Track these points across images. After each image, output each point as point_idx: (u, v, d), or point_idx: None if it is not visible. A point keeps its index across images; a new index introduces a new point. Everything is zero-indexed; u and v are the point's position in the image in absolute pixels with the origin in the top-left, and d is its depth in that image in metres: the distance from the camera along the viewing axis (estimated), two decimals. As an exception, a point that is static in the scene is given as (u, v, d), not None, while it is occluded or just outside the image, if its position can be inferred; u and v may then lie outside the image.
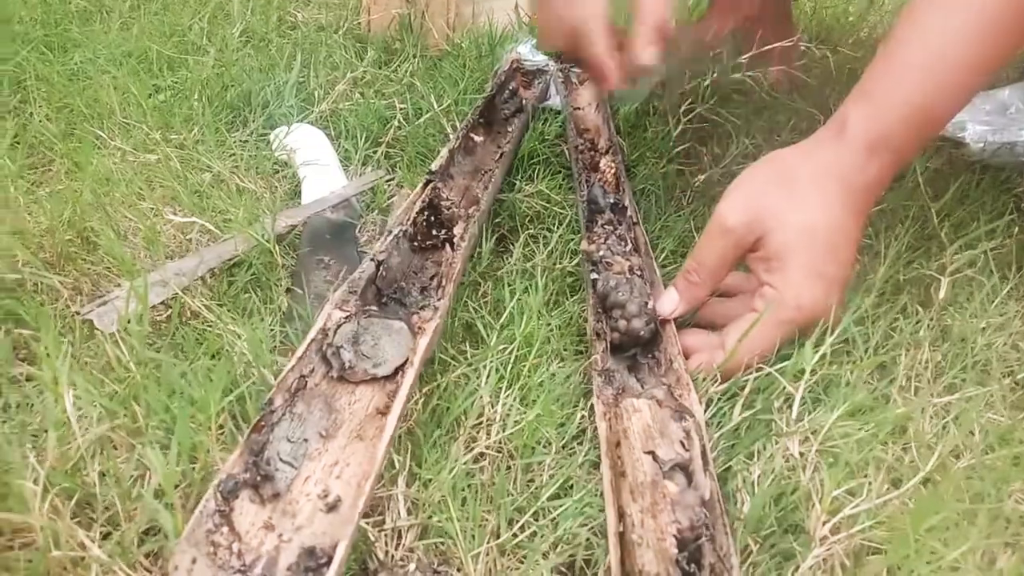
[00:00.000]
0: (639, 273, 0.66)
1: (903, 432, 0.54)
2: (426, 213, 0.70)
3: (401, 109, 0.98)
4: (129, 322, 0.55)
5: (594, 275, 0.66)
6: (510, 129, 0.90)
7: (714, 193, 0.84)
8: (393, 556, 0.46)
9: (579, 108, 0.99)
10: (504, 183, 0.85)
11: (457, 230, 0.70)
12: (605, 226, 0.73)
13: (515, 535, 0.48)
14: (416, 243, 0.68)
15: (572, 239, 0.78)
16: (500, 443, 0.54)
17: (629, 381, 0.59)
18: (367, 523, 0.48)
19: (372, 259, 0.62)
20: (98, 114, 0.97)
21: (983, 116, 0.76)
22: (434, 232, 0.70)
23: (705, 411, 0.56)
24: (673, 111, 0.90)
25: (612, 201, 0.76)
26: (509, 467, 0.53)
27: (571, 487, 0.52)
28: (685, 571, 0.43)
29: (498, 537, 0.48)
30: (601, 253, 0.68)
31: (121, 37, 1.21)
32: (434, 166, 0.76)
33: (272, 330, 0.63)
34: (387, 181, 0.89)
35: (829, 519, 0.46)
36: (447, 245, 0.69)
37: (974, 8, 0.56)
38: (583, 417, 0.58)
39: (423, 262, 0.68)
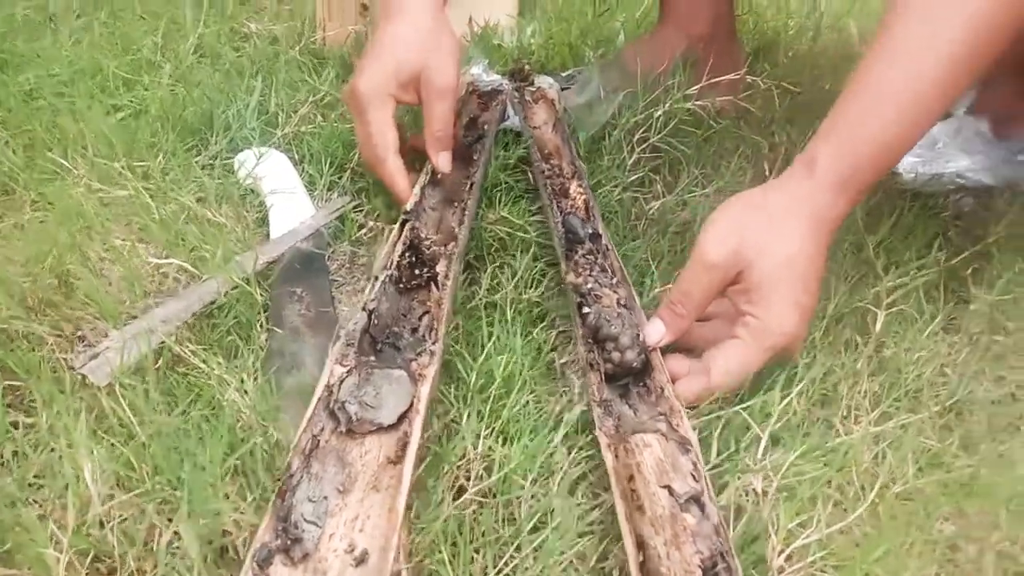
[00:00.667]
0: (626, 305, 0.71)
1: (844, 455, 0.60)
2: (408, 255, 0.73)
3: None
4: (121, 376, 0.58)
5: (585, 309, 0.70)
6: (475, 157, 0.93)
7: (668, 220, 0.89)
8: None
9: (536, 127, 1.03)
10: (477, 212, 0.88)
11: (440, 268, 0.72)
12: (587, 256, 0.77)
13: (499, 571, 0.53)
14: (401, 285, 0.71)
15: (536, 267, 0.82)
16: (482, 481, 0.58)
17: (623, 409, 0.64)
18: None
19: (363, 309, 0.65)
20: (58, 140, 0.97)
21: (915, 149, 0.82)
22: (417, 272, 0.72)
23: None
24: (627, 137, 0.95)
25: (590, 231, 0.80)
26: (490, 503, 0.57)
27: (551, 513, 0.57)
28: None
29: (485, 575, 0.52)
30: (589, 286, 0.73)
31: (73, 53, 1.20)
32: (408, 205, 0.79)
33: (255, 372, 0.66)
34: (354, 209, 0.92)
35: (784, 549, 0.52)
36: (432, 284, 0.72)
37: (935, 46, 0.62)
38: (555, 445, 0.62)
39: (410, 303, 0.71)
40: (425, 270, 0.72)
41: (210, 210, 0.85)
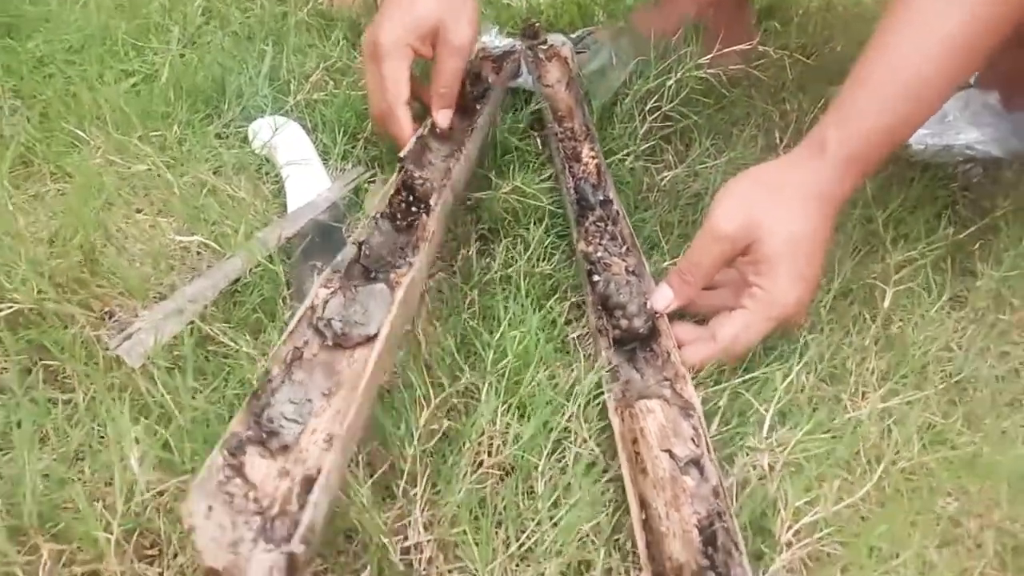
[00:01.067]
0: (634, 273, 0.73)
1: (853, 432, 0.62)
2: (403, 194, 0.75)
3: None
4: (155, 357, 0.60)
5: (595, 277, 0.73)
6: (478, 107, 0.93)
7: (679, 191, 0.90)
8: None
9: (549, 86, 1.03)
10: (480, 171, 0.88)
11: (432, 201, 0.74)
12: (597, 223, 0.79)
13: (521, 545, 0.55)
14: (398, 222, 0.73)
15: (548, 239, 0.83)
16: (501, 457, 0.60)
17: (631, 374, 0.67)
18: (393, 542, 0.54)
19: (353, 242, 0.67)
20: (73, 109, 0.98)
21: (924, 122, 0.83)
22: (413, 209, 0.74)
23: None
24: (639, 106, 0.95)
25: (601, 198, 0.81)
26: (511, 476, 0.60)
27: (567, 488, 0.59)
28: (706, 555, 0.52)
29: (507, 549, 0.55)
30: (599, 255, 0.75)
31: (82, 16, 1.19)
32: (403, 153, 0.79)
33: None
34: (369, 180, 0.93)
35: (793, 524, 0.55)
36: (424, 215, 0.74)
37: (943, 33, 0.63)
38: (568, 418, 0.64)
39: (409, 239, 0.72)
40: (421, 206, 0.74)
41: (228, 184, 0.86)
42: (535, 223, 0.85)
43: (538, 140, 0.96)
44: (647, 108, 0.94)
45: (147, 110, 0.98)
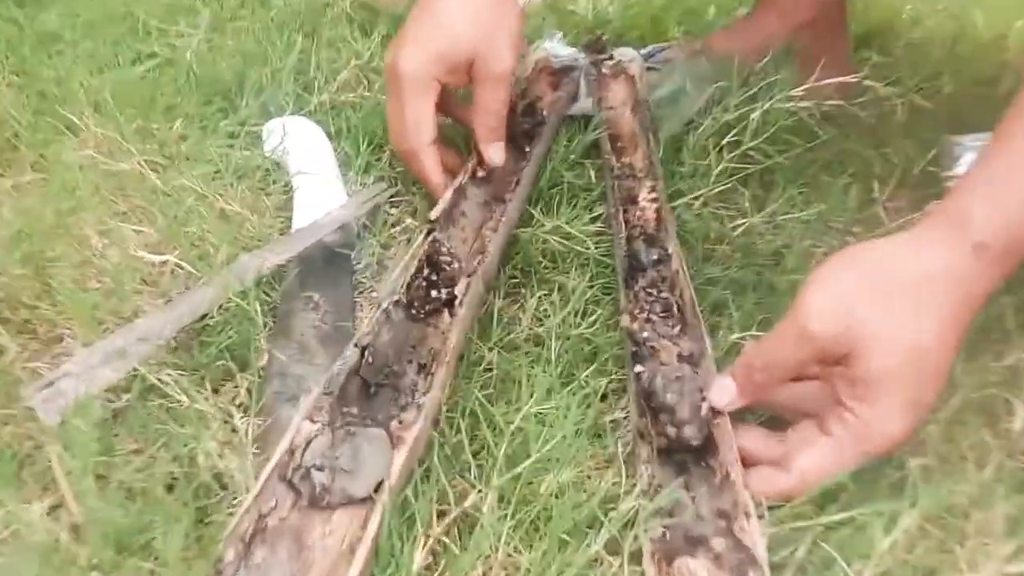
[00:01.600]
0: (689, 359, 0.58)
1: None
2: (424, 272, 0.61)
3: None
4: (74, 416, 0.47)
5: (639, 367, 0.57)
6: (527, 148, 0.80)
7: (756, 244, 0.75)
8: None
9: (611, 108, 0.89)
10: (521, 215, 0.75)
11: (458, 289, 0.61)
12: (648, 290, 0.64)
13: None
14: (414, 310, 0.60)
15: (590, 292, 0.69)
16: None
17: (678, 494, 0.51)
18: None
19: (356, 344, 0.53)
20: (73, 92, 0.87)
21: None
22: (433, 294, 0.61)
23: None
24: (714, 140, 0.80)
25: (655, 257, 0.67)
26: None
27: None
28: None
29: None
30: (645, 335, 0.60)
31: (108, -11, 1.09)
32: (435, 212, 0.66)
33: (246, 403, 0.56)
34: (391, 199, 0.80)
35: None
36: (446, 309, 0.60)
37: None
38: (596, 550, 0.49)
39: (424, 330, 0.59)
40: (443, 291, 0.61)
41: (223, 193, 0.74)
42: (577, 270, 0.71)
43: (591, 172, 0.82)
44: (724, 143, 0.79)
45: (153, 99, 0.87)
